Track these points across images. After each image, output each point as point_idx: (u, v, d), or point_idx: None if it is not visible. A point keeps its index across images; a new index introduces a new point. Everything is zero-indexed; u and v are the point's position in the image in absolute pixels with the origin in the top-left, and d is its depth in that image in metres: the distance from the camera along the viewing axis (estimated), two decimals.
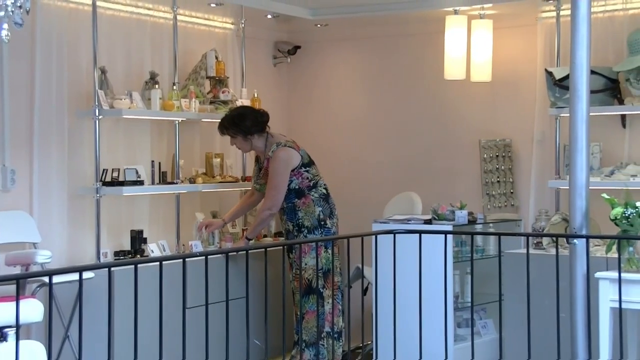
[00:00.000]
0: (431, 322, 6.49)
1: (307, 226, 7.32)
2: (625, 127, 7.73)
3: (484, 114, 8.45)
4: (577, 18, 5.87)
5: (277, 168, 7.31)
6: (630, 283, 5.61)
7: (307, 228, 7.32)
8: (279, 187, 7.28)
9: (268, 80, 8.82)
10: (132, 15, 7.58)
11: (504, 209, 8.24)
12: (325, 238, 7.19)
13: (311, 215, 7.33)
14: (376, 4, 8.02)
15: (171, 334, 5.19)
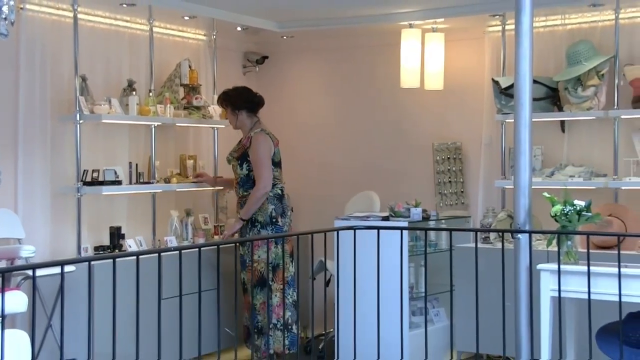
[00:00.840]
0: (388, 311, 6.51)
1: (260, 221, 7.31)
2: (564, 132, 7.80)
3: (437, 119, 8.47)
4: (520, 32, 5.91)
5: (259, 150, 7.34)
6: (569, 274, 5.63)
7: (260, 223, 7.31)
8: (266, 166, 7.31)
9: None
10: (111, 26, 7.56)
11: (455, 207, 8.26)
12: (290, 234, 7.18)
13: (264, 212, 7.32)
14: (338, 18, 8.02)
15: (147, 322, 5.18)
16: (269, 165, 7.35)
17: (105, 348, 5.09)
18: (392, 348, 6.47)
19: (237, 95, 7.56)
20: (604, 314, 5.58)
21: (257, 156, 7.34)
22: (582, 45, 7.47)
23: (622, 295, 5.39)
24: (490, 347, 6.50)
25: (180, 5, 7.32)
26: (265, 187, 7.30)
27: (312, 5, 7.43)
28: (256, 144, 7.37)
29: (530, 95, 5.94)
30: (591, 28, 7.70)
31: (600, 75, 7.40)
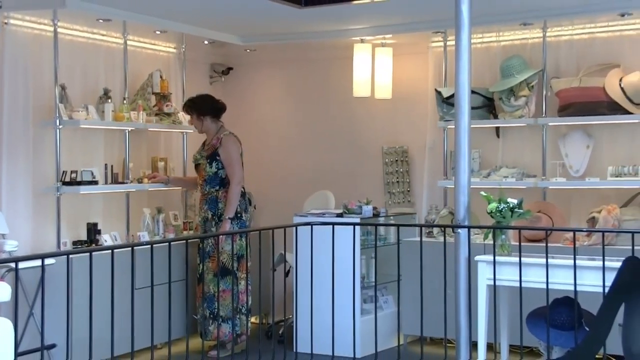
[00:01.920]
0: (342, 299, 6.55)
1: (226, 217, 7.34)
2: (499, 137, 7.84)
3: (386, 125, 8.47)
4: (460, 48, 5.97)
5: (231, 150, 7.35)
6: (503, 265, 5.72)
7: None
8: (238, 164, 7.33)
9: None
10: (89, 40, 7.51)
11: (402, 205, 8.27)
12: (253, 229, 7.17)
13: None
14: (297, 33, 8.00)
15: (122, 311, 5.16)
16: (240, 164, 7.37)
17: (83, 334, 5.07)
18: (345, 332, 6.51)
19: (201, 102, 7.56)
20: (533, 300, 5.66)
21: (229, 155, 7.35)
22: (514, 60, 7.52)
23: (549, 283, 5.50)
24: (433, 330, 6.55)
25: (152, 20, 7.29)
26: (240, 182, 7.31)
27: (273, 21, 7.44)
28: (228, 145, 7.38)
29: (469, 104, 6.00)
30: (522, 44, 7.76)
31: (530, 86, 7.47)
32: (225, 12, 7.09)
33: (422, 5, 6.73)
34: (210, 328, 7.17)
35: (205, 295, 7.19)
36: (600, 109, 7.19)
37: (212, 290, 7.14)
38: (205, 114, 7.49)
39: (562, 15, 7.19)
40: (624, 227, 6.77)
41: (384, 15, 7.37)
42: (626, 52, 7.38)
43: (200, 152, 7.53)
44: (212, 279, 7.14)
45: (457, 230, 5.97)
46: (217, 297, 7.11)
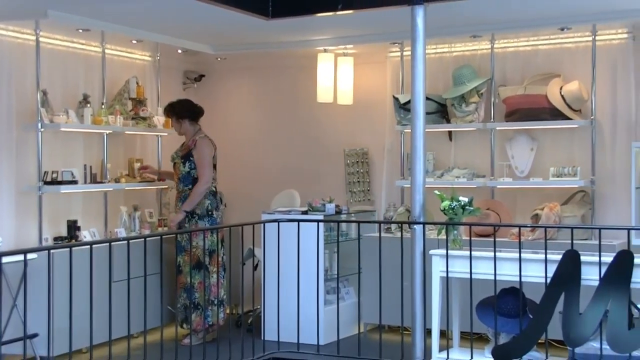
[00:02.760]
0: (307, 290, 6.55)
1: (198, 214, 7.29)
2: (451, 140, 7.88)
3: (347, 129, 8.47)
4: (415, 57, 6.00)
5: (203, 152, 7.35)
6: (455, 258, 5.76)
7: (197, 215, 7.29)
8: (208, 166, 7.32)
9: None
10: (69, 48, 7.47)
11: (363, 203, 8.27)
12: (224, 225, 7.18)
13: (202, 206, 7.30)
14: (264, 43, 7.99)
15: (100, 302, 5.15)
16: (210, 166, 7.36)
17: (63, 324, 5.06)
18: (310, 321, 6.51)
19: (180, 106, 7.58)
20: (482, 290, 5.70)
21: (201, 156, 7.34)
22: (465, 69, 7.58)
23: (497, 275, 5.53)
24: (391, 319, 6.57)
25: (129, 30, 7.25)
26: (207, 183, 7.29)
27: (242, 32, 7.43)
28: (201, 147, 7.37)
29: (424, 110, 6.04)
30: (472, 55, 7.81)
31: (479, 94, 7.53)
32: (197, 23, 7.08)
33: (381, 18, 6.75)
34: (193, 316, 7.16)
35: (185, 287, 7.19)
36: (543, 115, 7.26)
37: (191, 281, 7.14)
38: (184, 117, 7.50)
39: (508, 29, 7.23)
40: (564, 223, 6.86)
41: (346, 27, 7.38)
42: (566, 63, 7.46)
43: (177, 152, 7.53)
44: (188, 271, 7.13)
45: (413, 226, 6.00)
46: (195, 287, 7.10)
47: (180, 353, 5.62)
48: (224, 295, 7.35)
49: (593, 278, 5.19)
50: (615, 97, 7.30)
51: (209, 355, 5.81)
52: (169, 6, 6.23)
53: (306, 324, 6.44)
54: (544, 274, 5.33)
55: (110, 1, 6.10)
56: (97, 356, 5.08)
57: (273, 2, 6.61)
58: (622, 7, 6.52)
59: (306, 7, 6.60)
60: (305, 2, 6.60)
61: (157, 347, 5.46)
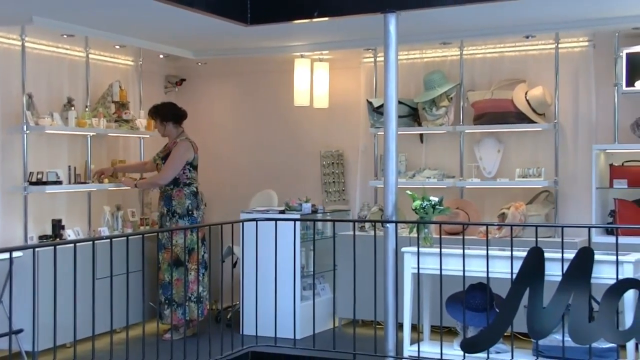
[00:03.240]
0: (284, 286, 6.54)
1: (179, 213, 7.28)
2: (422, 142, 7.92)
3: (323, 131, 8.48)
4: (388, 63, 6.03)
5: (176, 154, 7.33)
6: (426, 255, 5.75)
7: (178, 214, 7.28)
8: (174, 167, 7.29)
9: None
10: (54, 53, 7.43)
11: (338, 202, 8.29)
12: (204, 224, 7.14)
13: (182, 206, 7.29)
14: (243, 49, 7.98)
15: (84, 299, 5.12)
16: (177, 168, 7.31)
17: (48, 320, 5.03)
18: (286, 316, 6.52)
19: (164, 109, 7.57)
20: (451, 285, 5.71)
21: (173, 156, 7.34)
22: (436, 75, 7.60)
23: (465, 271, 5.55)
24: (365, 313, 6.55)
25: (112, 36, 7.23)
26: (163, 180, 7.31)
27: (222, 37, 7.42)
28: (177, 148, 7.37)
29: (396, 113, 6.07)
30: (442, 61, 7.84)
31: (449, 98, 7.56)
32: (178, 29, 7.06)
33: (355, 25, 6.77)
34: (166, 312, 7.16)
35: (161, 283, 7.17)
36: (509, 119, 7.31)
37: (167, 278, 7.12)
38: (168, 120, 7.49)
39: (476, 37, 7.27)
40: (529, 221, 6.91)
41: (322, 34, 7.40)
42: (531, 69, 7.51)
43: (159, 153, 7.52)
44: (166, 268, 7.12)
45: (386, 224, 6.01)
46: (171, 284, 7.08)
47: (161, 348, 5.60)
48: (204, 292, 7.33)
49: (556, 274, 5.22)
50: (577, 102, 7.36)
51: (189, 350, 5.80)
52: (151, 13, 6.21)
53: (283, 319, 6.43)
54: (510, 270, 5.35)
55: (94, 8, 6.08)
56: (81, 351, 5.05)
57: (252, 9, 6.61)
58: (583, 16, 6.58)
59: (283, 14, 6.60)
60: (282, 9, 6.60)
61: (139, 342, 5.44)
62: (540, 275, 5.23)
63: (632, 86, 6.81)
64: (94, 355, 5.01)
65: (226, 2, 6.49)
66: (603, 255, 5.25)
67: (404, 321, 5.83)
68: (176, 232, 7.01)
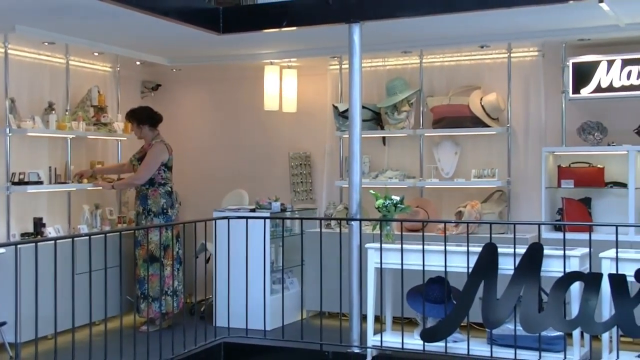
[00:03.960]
0: (254, 281, 6.56)
1: (154, 211, 7.23)
2: (385, 145, 7.92)
3: (292, 134, 8.47)
4: (353, 70, 6.05)
5: (152, 155, 7.30)
6: (388, 251, 5.80)
7: (153, 213, 7.23)
8: (149, 168, 7.25)
9: None
10: (35, 60, 7.35)
11: (305, 201, 8.28)
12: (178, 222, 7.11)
13: (157, 204, 7.24)
14: (216, 56, 7.95)
15: (64, 293, 5.09)
16: (152, 169, 7.26)
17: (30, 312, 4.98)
18: (257, 309, 6.51)
19: (141, 113, 7.51)
20: (412, 279, 5.74)
21: (149, 158, 7.30)
22: (397, 81, 7.63)
23: (425, 266, 5.59)
24: (331, 306, 6.57)
25: (91, 44, 7.18)
26: (139, 180, 7.27)
27: (195, 45, 7.40)
28: (152, 150, 7.33)
29: (360, 118, 6.08)
30: (403, 68, 7.86)
31: (410, 103, 7.59)
32: (154, 37, 7.03)
33: (321, 35, 6.79)
34: (142, 306, 7.12)
35: (137, 278, 7.13)
36: (466, 123, 7.36)
37: (142, 274, 7.09)
38: (144, 123, 7.44)
39: (434, 46, 7.32)
40: (484, 219, 6.96)
41: (290, 42, 7.40)
42: (485, 77, 7.56)
43: (135, 155, 7.48)
44: (142, 264, 7.09)
45: (350, 222, 6.03)
46: (147, 279, 7.05)
47: (138, 339, 5.58)
48: (179, 286, 7.30)
49: (508, 267, 5.27)
50: (528, 107, 7.42)
51: (164, 341, 5.78)
52: (128, 22, 6.18)
53: (254, 311, 6.43)
54: (466, 265, 5.40)
55: (74, 17, 6.04)
56: (61, 342, 5.02)
57: (224, 19, 6.60)
58: (533, 28, 6.65)
59: (254, 24, 6.60)
60: (253, 19, 6.61)
61: (117, 334, 5.41)
62: (494, 269, 5.28)
63: (578, 93, 6.89)
64: (74, 346, 4.98)
65: (200, 12, 6.49)
66: (551, 250, 5.31)
67: (367, 313, 5.85)
68: (151, 230, 6.98)
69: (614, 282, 4.97)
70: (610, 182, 6.91)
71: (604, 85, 6.79)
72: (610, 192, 6.93)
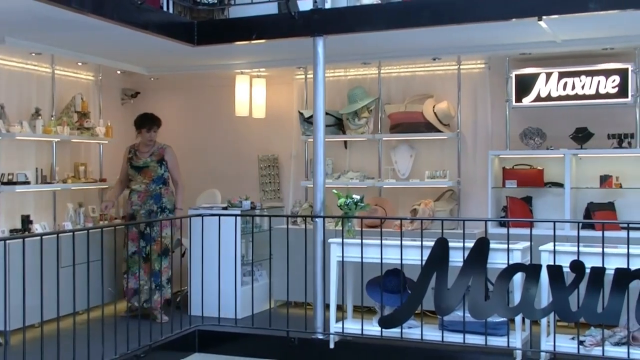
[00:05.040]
0: (226, 273, 6.54)
1: (169, 208, 7.12)
2: (346, 148, 7.94)
3: (261, 138, 8.46)
4: (317, 79, 6.07)
5: (176, 158, 7.28)
6: (349, 245, 5.81)
7: (168, 210, 7.12)
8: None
9: (117, 115, 8.62)
10: (24, 69, 7.28)
11: (273, 200, 8.30)
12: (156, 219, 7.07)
13: (171, 202, 7.16)
14: (190, 66, 7.93)
15: (50, 285, 5.06)
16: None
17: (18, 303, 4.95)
18: (229, 299, 6.52)
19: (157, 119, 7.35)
20: (371, 271, 5.78)
21: (176, 163, 7.26)
22: (358, 90, 7.65)
23: (383, 259, 5.63)
24: (297, 296, 6.59)
25: (75, 54, 7.12)
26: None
27: (172, 56, 7.38)
28: (173, 155, 7.25)
29: (324, 123, 6.10)
30: (363, 78, 7.89)
31: (369, 110, 7.62)
32: (133, 49, 6.99)
33: (288, 47, 6.79)
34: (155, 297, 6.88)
35: (152, 271, 6.80)
36: (420, 128, 7.40)
37: (157, 267, 6.87)
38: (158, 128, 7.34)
39: (391, 58, 7.36)
40: (437, 216, 7.01)
41: (259, 54, 7.40)
42: (437, 86, 7.61)
43: (150, 157, 7.19)
44: (156, 258, 6.88)
45: (315, 219, 6.05)
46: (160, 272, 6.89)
47: (119, 327, 5.55)
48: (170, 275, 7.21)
49: (458, 260, 5.32)
50: (476, 114, 7.49)
51: (143, 329, 5.76)
52: (109, 34, 6.14)
53: (225, 301, 6.44)
54: (420, 258, 5.44)
55: (59, 30, 5.99)
56: (47, 330, 4.98)
57: (198, 31, 6.60)
58: (480, 43, 6.71)
59: (226, 37, 6.59)
60: (225, 32, 6.60)
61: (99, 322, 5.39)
62: (445, 261, 5.33)
63: (520, 102, 6.97)
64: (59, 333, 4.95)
65: (176, 26, 6.48)
66: (497, 244, 5.35)
67: (330, 302, 5.85)
68: (165, 225, 6.86)
69: (551, 273, 5.05)
70: (549, 182, 7.01)
71: (543, 95, 6.88)
72: (549, 191, 7.03)
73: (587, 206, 6.82)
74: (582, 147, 6.89)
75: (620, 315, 4.94)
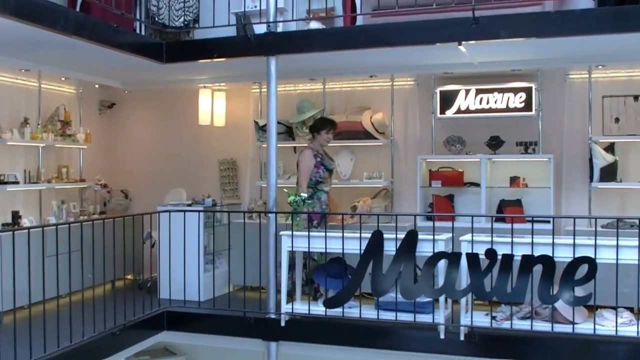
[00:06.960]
0: (191, 261, 6.48)
1: None
2: (295, 153, 7.82)
3: (221, 144, 8.39)
4: (270, 93, 6.03)
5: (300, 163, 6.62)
6: (298, 237, 5.78)
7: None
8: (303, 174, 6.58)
9: (96, 123, 8.53)
10: (14, 83, 7.22)
11: (232, 198, 8.25)
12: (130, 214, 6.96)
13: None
14: (160, 80, 7.85)
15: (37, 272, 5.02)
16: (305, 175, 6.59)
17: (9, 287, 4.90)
18: (193, 284, 6.48)
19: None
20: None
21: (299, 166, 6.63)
22: (305, 103, 7.67)
23: (327, 249, 5.62)
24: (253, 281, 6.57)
25: (59, 70, 7.03)
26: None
27: (143, 72, 7.32)
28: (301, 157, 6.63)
29: (275, 131, 6.05)
30: (310, 92, 7.90)
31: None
32: (109, 65, 6.93)
33: (245, 65, 6.74)
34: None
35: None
36: (359, 136, 7.43)
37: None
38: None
39: (334, 75, 7.37)
40: (373, 211, 7.07)
41: (220, 70, 7.37)
42: (374, 100, 7.64)
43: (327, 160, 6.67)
44: None
45: (268, 214, 6.00)
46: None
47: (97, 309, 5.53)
48: None
49: (391, 249, 5.32)
50: (407, 124, 7.53)
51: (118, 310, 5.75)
52: (89, 53, 6.08)
53: (191, 286, 6.41)
54: (359, 247, 5.44)
55: (45, 49, 5.92)
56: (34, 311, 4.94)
57: (166, 51, 6.55)
58: (410, 63, 6.75)
59: (191, 55, 6.55)
60: (190, 51, 6.56)
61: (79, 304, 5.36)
62: (380, 250, 5.32)
63: (444, 114, 7.07)
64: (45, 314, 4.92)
65: (147, 45, 6.45)
66: (424, 235, 5.35)
67: (282, 287, 5.83)
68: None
69: (469, 259, 5.10)
70: (468, 182, 7.11)
71: (463, 108, 7.00)
72: (468, 190, 7.14)
73: (500, 202, 6.95)
74: (495, 152, 7.03)
75: (525, 294, 5.01)
